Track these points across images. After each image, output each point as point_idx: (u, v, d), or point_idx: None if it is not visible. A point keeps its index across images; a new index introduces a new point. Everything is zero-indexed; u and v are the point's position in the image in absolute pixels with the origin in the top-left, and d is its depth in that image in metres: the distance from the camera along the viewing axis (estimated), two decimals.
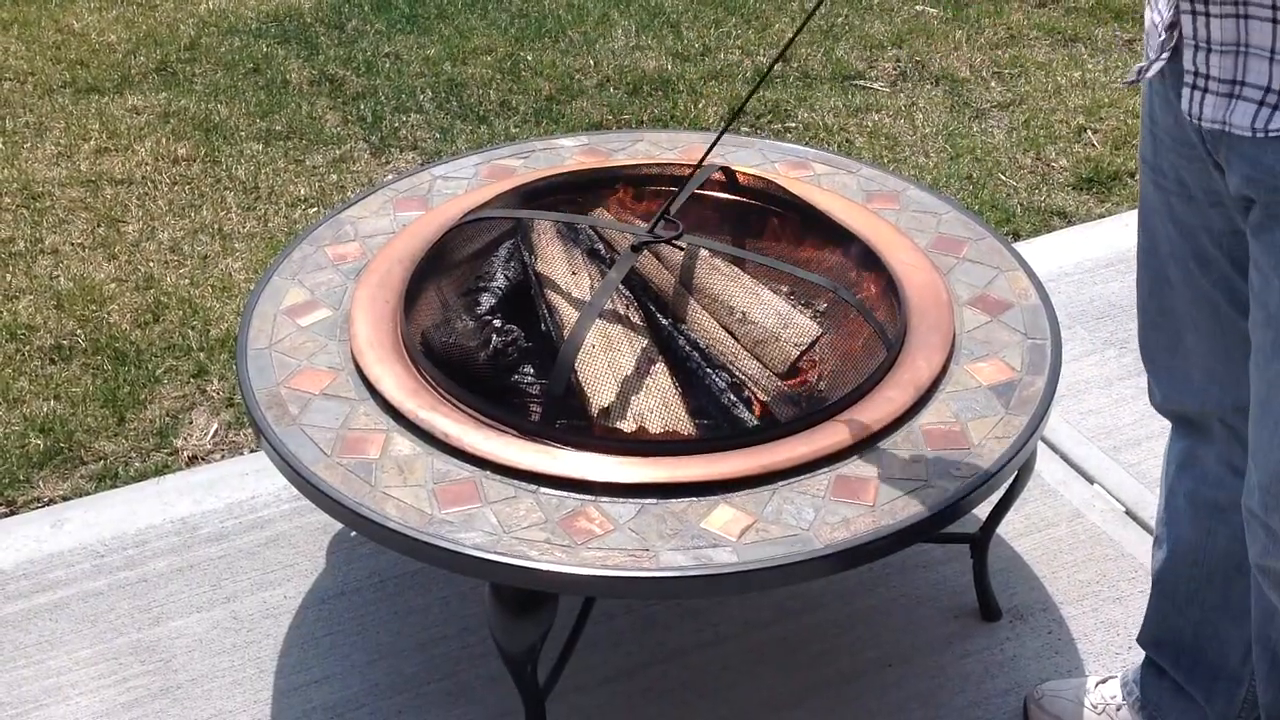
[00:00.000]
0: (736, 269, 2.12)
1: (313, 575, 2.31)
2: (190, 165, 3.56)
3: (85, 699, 2.11)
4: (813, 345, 2.05)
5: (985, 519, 2.12)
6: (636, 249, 1.98)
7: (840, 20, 4.27)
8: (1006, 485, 1.97)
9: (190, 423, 2.69)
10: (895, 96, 3.87)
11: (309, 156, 3.60)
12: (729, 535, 1.67)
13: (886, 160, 3.55)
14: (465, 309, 2.04)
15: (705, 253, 2.09)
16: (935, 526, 1.72)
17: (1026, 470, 2.01)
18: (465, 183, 2.32)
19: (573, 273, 2.08)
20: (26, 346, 2.89)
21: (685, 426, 1.87)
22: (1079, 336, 2.85)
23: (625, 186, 2.26)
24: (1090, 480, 2.49)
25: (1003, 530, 2.22)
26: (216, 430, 2.67)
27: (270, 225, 3.31)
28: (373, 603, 2.26)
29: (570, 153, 2.40)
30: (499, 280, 2.11)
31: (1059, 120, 3.73)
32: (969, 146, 3.60)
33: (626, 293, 2.09)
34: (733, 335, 2.08)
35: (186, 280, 3.10)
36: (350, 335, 1.96)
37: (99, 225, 3.30)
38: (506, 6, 4.42)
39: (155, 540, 2.38)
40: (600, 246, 2.17)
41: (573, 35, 4.21)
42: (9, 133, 3.71)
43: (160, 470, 2.57)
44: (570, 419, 1.88)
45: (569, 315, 2.00)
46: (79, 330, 2.93)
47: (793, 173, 2.34)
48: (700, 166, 2.05)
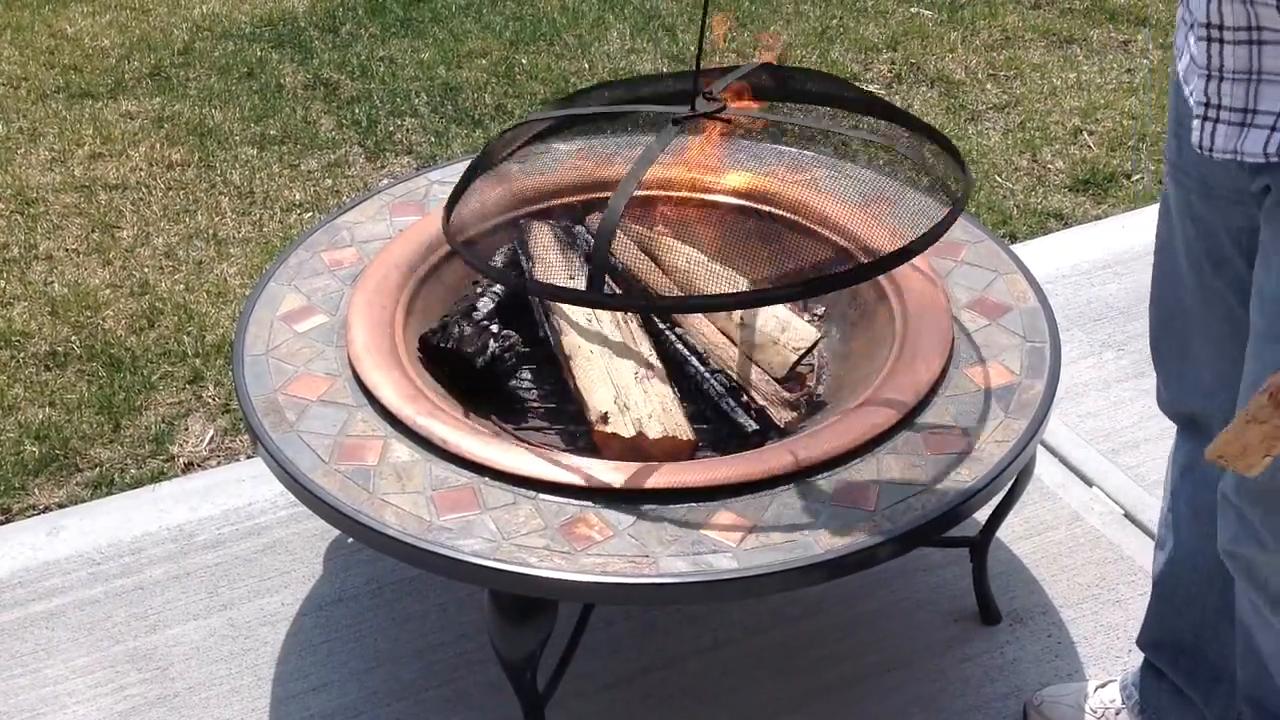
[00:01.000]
0: (739, 275, 2.10)
1: (310, 582, 2.30)
2: (185, 170, 3.55)
3: (82, 707, 2.10)
4: (811, 349, 2.05)
5: (985, 523, 2.12)
6: (678, 122, 1.85)
7: (835, 22, 4.27)
8: (1006, 489, 1.97)
9: (186, 429, 2.68)
10: (891, 99, 3.87)
11: (304, 161, 3.59)
12: (729, 541, 1.66)
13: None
14: (463, 314, 2.03)
15: (704, 254, 2.08)
16: (936, 532, 1.71)
17: (1026, 473, 2.00)
18: None
19: (570, 277, 2.07)
20: (21, 353, 2.88)
21: (685, 431, 1.86)
22: (1076, 339, 2.84)
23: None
24: (1089, 483, 2.49)
25: (1002, 533, 2.22)
26: (212, 436, 2.66)
27: (265, 230, 3.30)
28: (370, 609, 2.25)
29: (567, 156, 2.39)
30: (496, 285, 2.10)
31: (1055, 122, 3.73)
32: (965, 149, 3.60)
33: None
34: (730, 339, 2.07)
35: (181, 286, 3.09)
36: (347, 341, 1.95)
37: (93, 231, 3.29)
38: (501, 10, 4.41)
39: (151, 547, 2.37)
40: None
41: (568, 38, 4.21)
42: (2, 138, 3.70)
43: (156, 477, 2.56)
44: (569, 424, 1.87)
45: (567, 320, 1.99)
46: (74, 336, 2.92)
47: (792, 176, 2.33)
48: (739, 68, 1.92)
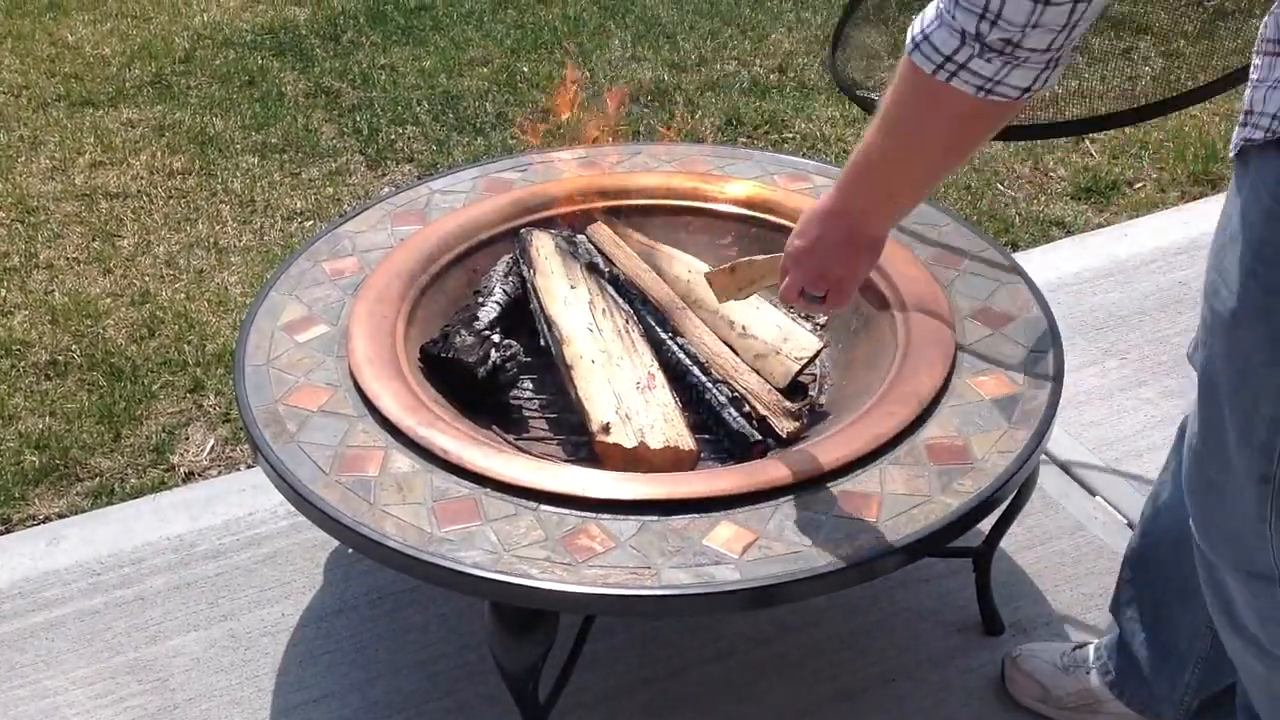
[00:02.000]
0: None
1: (310, 592, 2.29)
2: (185, 178, 3.54)
3: (82, 719, 2.09)
4: (813, 359, 2.05)
5: (988, 533, 2.11)
6: None
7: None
8: (1010, 499, 1.96)
9: (186, 439, 2.68)
10: None
11: (305, 169, 3.59)
12: (731, 552, 1.65)
13: None
14: (464, 324, 2.03)
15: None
16: (939, 543, 1.70)
17: (1030, 483, 2.00)
18: (463, 196, 2.31)
19: (571, 286, 2.07)
20: (21, 362, 2.87)
21: (686, 442, 1.86)
22: (1079, 347, 2.83)
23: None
24: (1092, 493, 2.48)
25: (1005, 543, 2.21)
26: (213, 446, 2.66)
27: (266, 239, 3.29)
28: (371, 620, 2.24)
29: (568, 166, 2.39)
30: (498, 295, 2.09)
31: None
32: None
33: (626, 307, 2.08)
34: (733, 349, 2.07)
35: (182, 294, 3.08)
36: (348, 351, 1.94)
37: (94, 239, 3.29)
38: (502, 18, 4.41)
39: (152, 558, 2.36)
40: (599, 260, 2.16)
41: (569, 46, 4.21)
42: (3, 146, 3.70)
43: (157, 487, 2.55)
44: (571, 434, 1.87)
45: (569, 330, 1.99)
46: (74, 345, 2.91)
47: (792, 185, 2.33)
48: None
